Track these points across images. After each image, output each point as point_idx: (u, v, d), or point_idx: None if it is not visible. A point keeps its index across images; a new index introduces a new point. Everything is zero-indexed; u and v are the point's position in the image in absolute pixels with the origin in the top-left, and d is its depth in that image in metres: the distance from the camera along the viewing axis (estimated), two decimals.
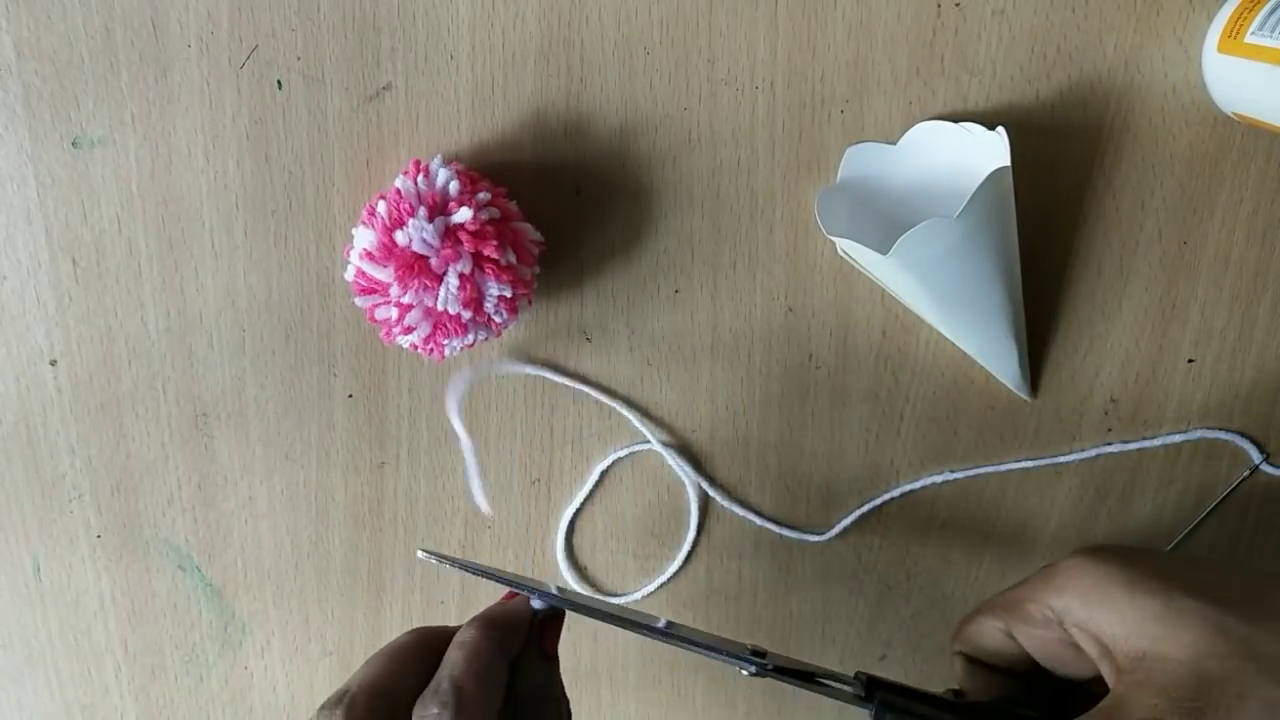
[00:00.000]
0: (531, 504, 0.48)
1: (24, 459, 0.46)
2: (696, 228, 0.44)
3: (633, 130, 0.42)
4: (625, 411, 0.46)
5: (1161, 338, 0.46)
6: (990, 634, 0.36)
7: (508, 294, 0.39)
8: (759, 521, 0.48)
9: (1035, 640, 0.34)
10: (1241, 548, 0.50)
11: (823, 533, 0.49)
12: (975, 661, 0.38)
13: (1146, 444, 0.48)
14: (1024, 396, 0.46)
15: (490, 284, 0.39)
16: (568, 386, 0.46)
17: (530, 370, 0.41)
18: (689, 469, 0.47)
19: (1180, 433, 0.47)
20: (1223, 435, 0.47)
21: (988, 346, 0.43)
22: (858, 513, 0.48)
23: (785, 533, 0.49)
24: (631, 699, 0.53)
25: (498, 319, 0.40)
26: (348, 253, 0.40)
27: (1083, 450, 0.47)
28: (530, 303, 0.42)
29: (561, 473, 0.48)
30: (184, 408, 0.45)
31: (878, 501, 0.48)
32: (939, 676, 0.52)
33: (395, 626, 0.50)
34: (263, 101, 0.41)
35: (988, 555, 0.50)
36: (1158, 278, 0.45)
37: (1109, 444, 0.47)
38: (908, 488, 0.48)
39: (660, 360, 0.46)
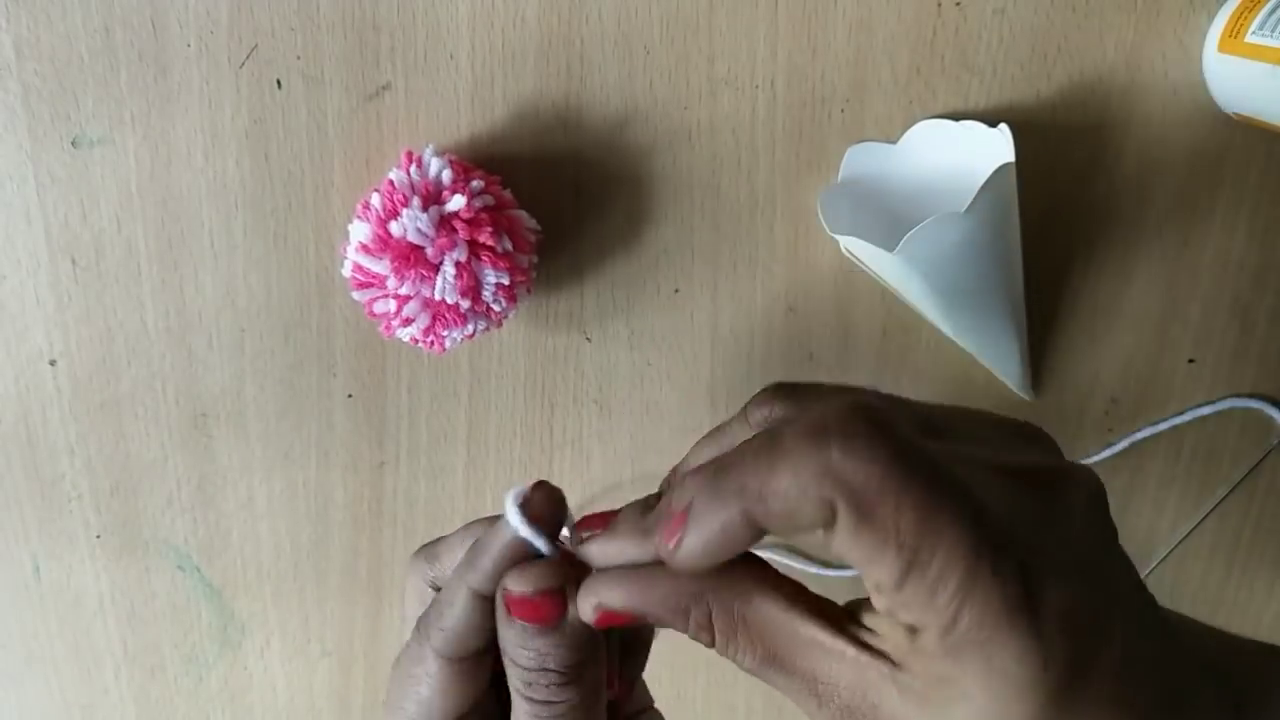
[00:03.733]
0: None
1: (23, 459, 0.46)
2: (696, 227, 0.44)
3: (633, 129, 0.42)
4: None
5: (1162, 337, 0.46)
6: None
7: (505, 282, 0.39)
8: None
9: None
10: (1242, 548, 0.50)
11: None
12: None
13: (1151, 430, 0.48)
14: (1025, 396, 0.46)
15: (487, 272, 0.39)
16: (568, 386, 0.46)
17: None
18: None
19: (1209, 404, 0.47)
20: (1254, 404, 0.47)
21: (990, 345, 0.43)
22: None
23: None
24: None
25: (496, 308, 0.40)
26: (345, 249, 0.40)
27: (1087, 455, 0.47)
28: (530, 291, 0.42)
29: (561, 473, 0.48)
30: (183, 408, 0.45)
31: None
32: None
33: (395, 627, 0.50)
34: (262, 101, 0.41)
35: None
36: (1158, 277, 0.45)
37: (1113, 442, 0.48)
38: None
39: (660, 360, 0.46)
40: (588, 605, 0.26)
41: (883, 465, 0.22)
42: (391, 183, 0.39)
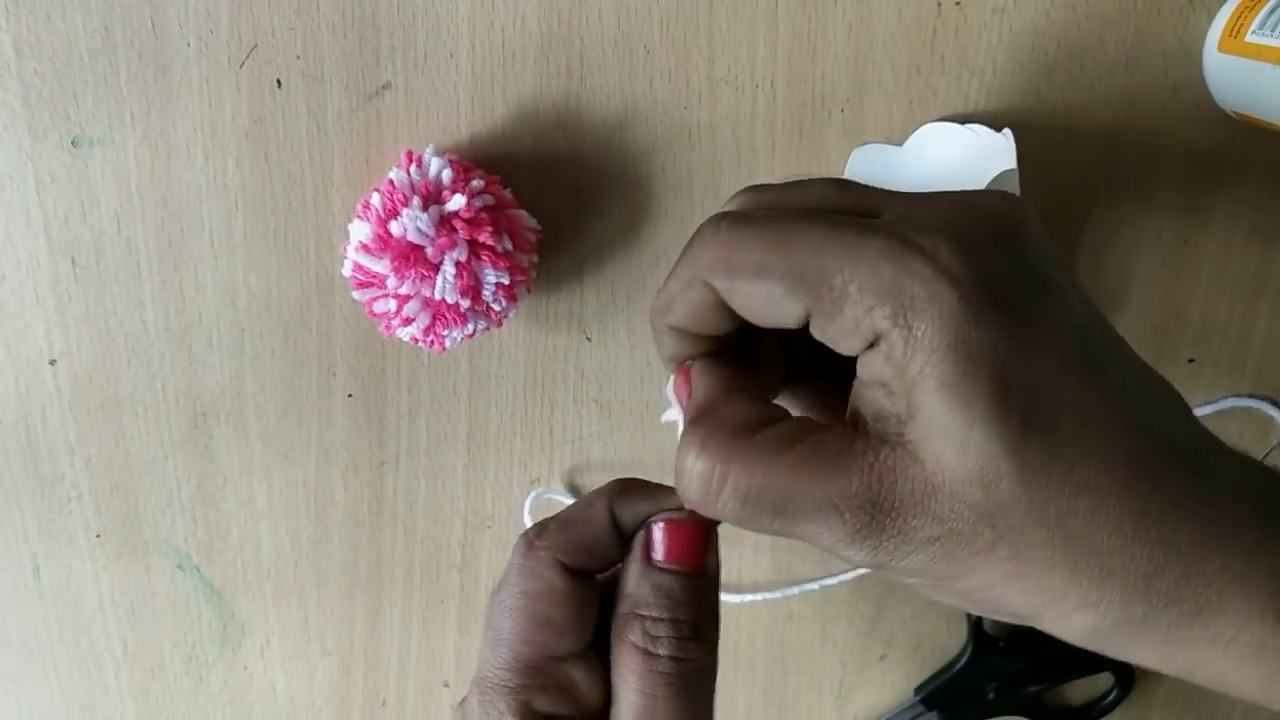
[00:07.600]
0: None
1: (23, 459, 0.46)
2: (696, 226, 0.44)
3: (633, 129, 0.42)
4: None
5: (1162, 337, 0.46)
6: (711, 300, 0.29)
7: (505, 281, 0.39)
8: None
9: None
10: None
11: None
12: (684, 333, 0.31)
13: None
14: None
15: (488, 271, 0.39)
16: (568, 386, 0.46)
17: None
18: None
19: (1209, 404, 0.47)
20: (1254, 404, 0.47)
21: None
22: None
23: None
24: None
25: (496, 307, 0.40)
26: (345, 249, 0.40)
27: None
28: (530, 290, 0.42)
29: (561, 473, 0.48)
30: (183, 407, 0.45)
31: None
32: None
33: (395, 626, 0.50)
34: (262, 101, 0.41)
35: None
36: (1158, 277, 0.45)
37: None
38: None
39: (660, 360, 0.46)
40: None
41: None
42: (391, 182, 0.39)
